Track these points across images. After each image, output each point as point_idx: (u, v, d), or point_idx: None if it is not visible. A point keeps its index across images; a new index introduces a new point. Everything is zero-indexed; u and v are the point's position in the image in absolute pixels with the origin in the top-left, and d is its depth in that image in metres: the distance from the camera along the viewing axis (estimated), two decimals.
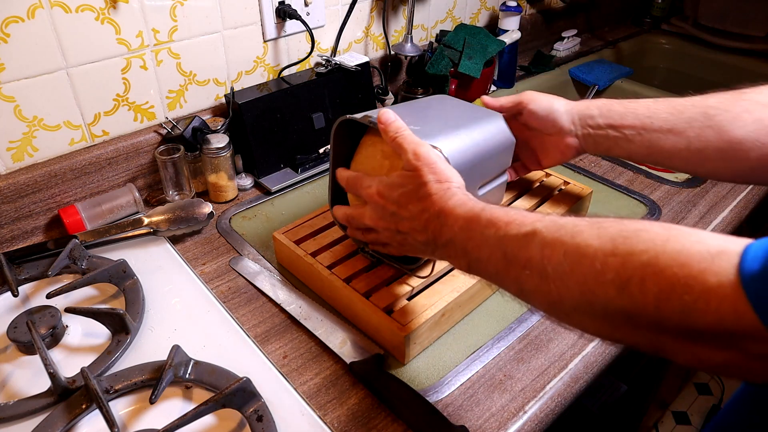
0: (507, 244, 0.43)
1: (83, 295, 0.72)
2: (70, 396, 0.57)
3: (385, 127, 0.56)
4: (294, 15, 0.95)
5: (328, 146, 0.99)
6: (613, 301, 0.36)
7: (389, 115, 0.57)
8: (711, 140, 0.58)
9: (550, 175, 0.86)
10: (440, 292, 0.64)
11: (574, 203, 0.80)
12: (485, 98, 0.73)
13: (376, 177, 0.57)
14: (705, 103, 0.59)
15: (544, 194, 0.82)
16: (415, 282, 0.66)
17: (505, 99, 0.73)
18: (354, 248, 0.71)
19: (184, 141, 0.86)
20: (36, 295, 0.72)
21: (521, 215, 0.44)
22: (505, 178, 0.72)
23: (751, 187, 0.92)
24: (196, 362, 0.60)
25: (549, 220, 0.42)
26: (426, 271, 0.65)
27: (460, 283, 0.65)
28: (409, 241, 0.55)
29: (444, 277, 0.67)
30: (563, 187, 0.84)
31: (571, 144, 0.69)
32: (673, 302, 0.33)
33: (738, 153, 0.57)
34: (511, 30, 1.28)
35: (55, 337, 0.65)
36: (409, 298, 0.64)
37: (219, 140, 0.86)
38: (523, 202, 0.80)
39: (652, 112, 0.63)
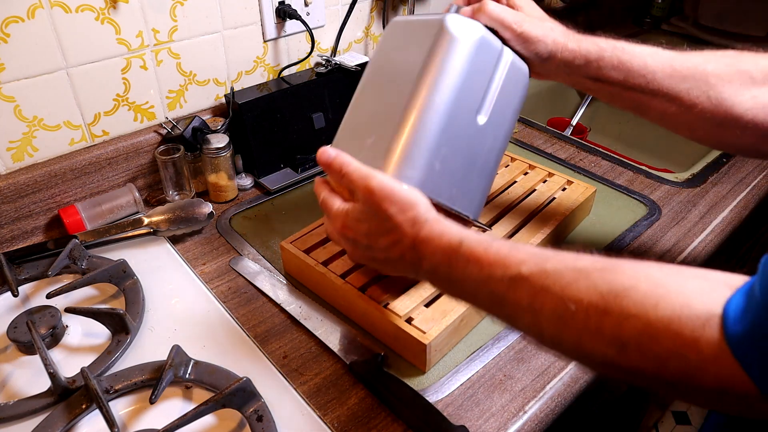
0: (493, 285, 0.42)
1: (83, 295, 0.72)
2: (70, 396, 0.57)
3: (328, 168, 0.53)
4: (294, 15, 0.95)
5: None
6: (612, 358, 0.36)
7: (327, 154, 0.53)
8: (707, 110, 0.55)
9: (554, 174, 0.86)
10: None
11: (578, 203, 0.79)
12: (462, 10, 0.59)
13: (343, 208, 0.53)
14: (703, 64, 0.56)
15: (549, 195, 0.82)
16: (432, 287, 0.65)
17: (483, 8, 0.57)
18: None
19: (184, 141, 0.86)
20: (36, 295, 0.72)
21: (503, 255, 0.42)
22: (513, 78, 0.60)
23: (751, 187, 0.92)
24: (196, 362, 0.60)
25: (533, 263, 0.40)
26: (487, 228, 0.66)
27: None
28: (392, 266, 0.53)
29: None
30: (567, 187, 0.84)
31: (548, 69, 0.61)
32: (673, 368, 0.33)
33: (734, 124, 0.56)
34: None
35: (55, 337, 0.65)
36: (427, 305, 0.64)
37: (219, 140, 0.86)
38: (530, 203, 0.80)
39: (643, 64, 0.57)
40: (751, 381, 0.31)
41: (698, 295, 0.34)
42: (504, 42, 0.59)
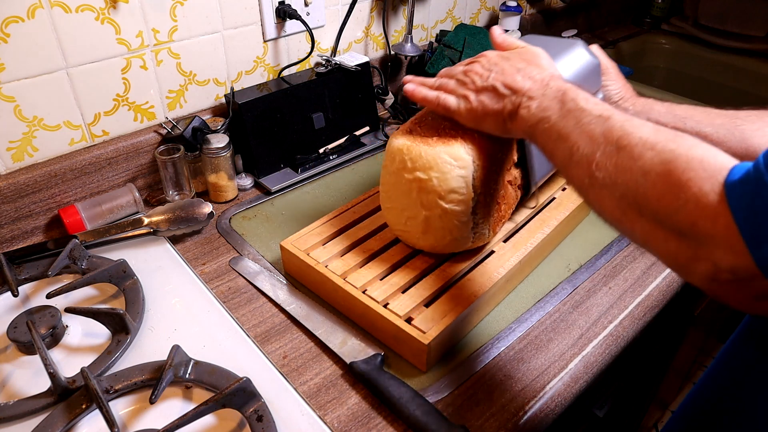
0: (585, 119, 0.49)
1: (83, 295, 0.72)
2: (70, 396, 0.57)
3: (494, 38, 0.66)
4: (294, 15, 0.95)
5: (328, 146, 1.00)
6: (632, 186, 0.42)
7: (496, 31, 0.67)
8: (732, 145, 0.60)
9: (554, 174, 0.86)
10: (458, 297, 0.64)
11: (578, 203, 0.79)
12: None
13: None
14: (735, 114, 0.62)
15: (549, 194, 0.82)
16: (432, 287, 0.65)
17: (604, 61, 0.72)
18: (366, 256, 0.70)
19: (184, 141, 0.86)
20: (36, 295, 0.72)
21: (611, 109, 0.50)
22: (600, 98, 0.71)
23: None
24: (196, 362, 0.60)
25: (620, 112, 0.48)
26: (533, 203, 0.73)
27: (477, 287, 0.65)
28: (516, 75, 0.57)
29: (460, 282, 0.66)
30: (566, 187, 0.84)
31: None
32: (670, 198, 0.39)
33: (753, 158, 0.59)
34: (511, 30, 1.29)
35: (55, 337, 0.65)
36: (427, 305, 0.64)
37: (219, 140, 0.86)
38: (527, 203, 0.80)
39: (688, 114, 0.64)
40: (736, 226, 0.35)
41: (724, 157, 0.39)
42: None
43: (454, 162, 0.61)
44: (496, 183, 0.67)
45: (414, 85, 0.64)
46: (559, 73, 0.59)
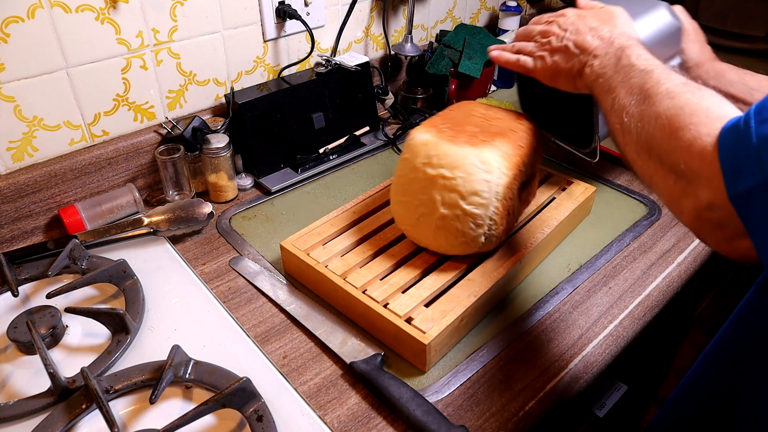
0: (631, 73, 0.53)
1: (83, 295, 0.72)
2: (70, 396, 0.57)
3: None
4: (294, 15, 0.95)
5: (328, 146, 1.00)
6: (647, 129, 0.46)
7: None
8: (740, 98, 0.63)
9: (554, 175, 0.86)
10: (458, 297, 0.64)
11: (579, 203, 0.80)
12: None
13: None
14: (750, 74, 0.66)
15: (549, 194, 0.82)
16: (432, 287, 0.65)
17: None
18: (366, 256, 0.70)
19: (184, 141, 0.86)
20: (36, 295, 0.72)
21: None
22: (677, 62, 0.72)
23: None
24: (196, 362, 0.60)
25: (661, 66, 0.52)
26: (596, 156, 0.76)
27: (477, 287, 0.65)
28: (569, 53, 0.61)
29: (460, 282, 0.66)
30: (566, 187, 0.84)
31: None
32: (672, 140, 0.44)
33: None
34: (511, 30, 1.29)
35: (55, 337, 0.65)
36: (427, 305, 0.64)
37: (219, 140, 0.86)
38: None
39: (760, 86, 0.65)
40: (720, 167, 0.39)
41: (729, 108, 0.43)
42: None
43: (481, 165, 0.63)
44: (513, 193, 0.67)
45: (498, 51, 0.71)
46: (635, 32, 0.62)
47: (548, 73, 0.65)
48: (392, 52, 1.18)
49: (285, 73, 1.02)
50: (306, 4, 0.99)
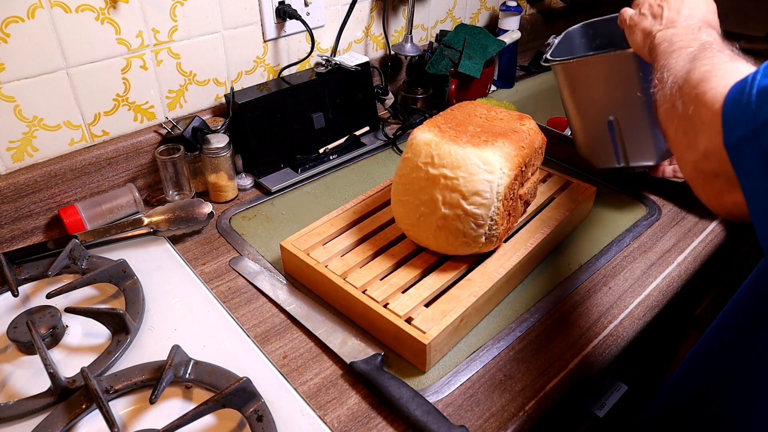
0: (692, 44, 0.55)
1: (83, 295, 0.72)
2: (70, 396, 0.57)
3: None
4: (294, 15, 0.95)
5: (328, 146, 1.00)
6: (674, 95, 0.49)
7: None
8: None
9: (553, 174, 0.86)
10: (458, 297, 0.64)
11: (578, 203, 0.80)
12: None
13: None
14: None
15: (549, 194, 0.82)
16: (432, 287, 0.65)
17: None
18: (366, 256, 0.70)
19: (184, 141, 0.86)
20: (36, 295, 0.72)
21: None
22: None
23: None
24: (196, 362, 0.60)
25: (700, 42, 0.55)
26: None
27: (477, 287, 0.65)
28: (656, 17, 0.65)
29: (460, 282, 0.66)
30: (567, 187, 0.84)
31: None
32: (696, 89, 0.45)
33: None
34: (511, 30, 1.28)
35: (55, 337, 0.65)
36: (427, 305, 0.64)
37: (219, 140, 0.86)
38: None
39: None
40: (721, 118, 0.41)
41: (747, 68, 0.45)
42: None
43: (483, 165, 0.63)
44: (514, 194, 0.67)
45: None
46: (717, 21, 0.64)
47: (634, 23, 0.69)
48: (392, 52, 1.18)
49: (285, 73, 1.02)
50: (306, 4, 0.99)
